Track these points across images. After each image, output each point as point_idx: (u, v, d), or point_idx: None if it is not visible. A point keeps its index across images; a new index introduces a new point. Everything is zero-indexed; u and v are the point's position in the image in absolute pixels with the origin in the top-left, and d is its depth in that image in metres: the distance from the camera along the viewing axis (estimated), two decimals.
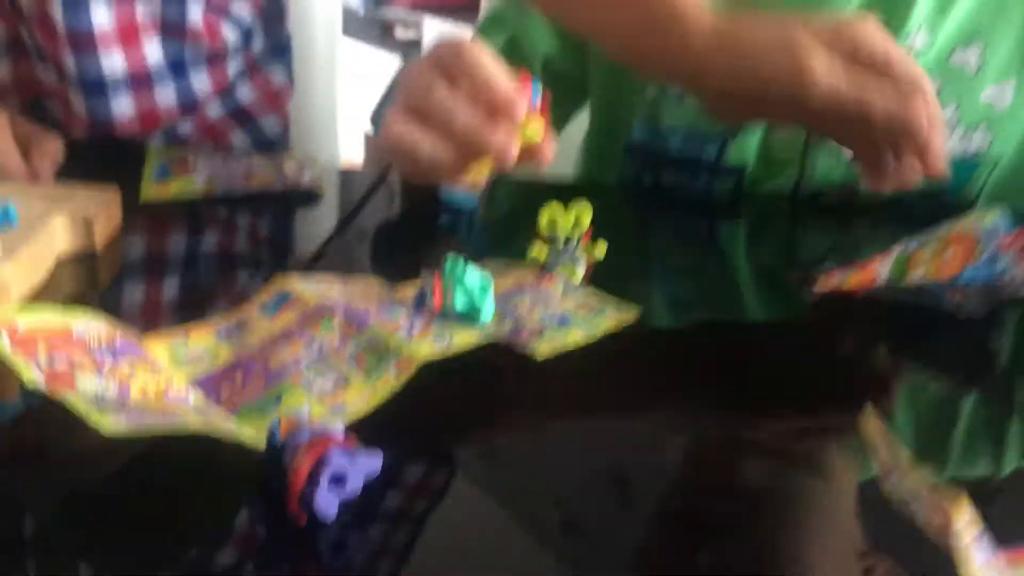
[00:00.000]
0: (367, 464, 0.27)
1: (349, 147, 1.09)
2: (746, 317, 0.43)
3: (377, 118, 0.60)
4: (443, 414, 0.33)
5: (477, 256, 0.40)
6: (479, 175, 0.46)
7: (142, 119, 0.64)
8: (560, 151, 0.44)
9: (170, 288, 0.42)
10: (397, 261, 0.47)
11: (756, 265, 0.50)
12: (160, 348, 0.33)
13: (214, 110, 0.69)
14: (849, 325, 0.42)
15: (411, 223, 0.52)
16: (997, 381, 0.38)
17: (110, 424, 0.26)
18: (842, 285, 0.42)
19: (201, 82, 0.67)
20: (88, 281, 0.42)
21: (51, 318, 0.32)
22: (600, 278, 0.42)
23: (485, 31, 0.66)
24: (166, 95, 0.65)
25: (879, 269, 0.41)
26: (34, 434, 0.30)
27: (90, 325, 0.32)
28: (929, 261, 0.40)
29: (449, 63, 0.42)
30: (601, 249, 0.42)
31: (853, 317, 0.42)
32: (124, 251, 0.45)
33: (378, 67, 2.26)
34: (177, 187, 0.53)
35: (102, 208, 0.45)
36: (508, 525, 0.28)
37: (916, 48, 0.55)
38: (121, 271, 0.43)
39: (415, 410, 0.32)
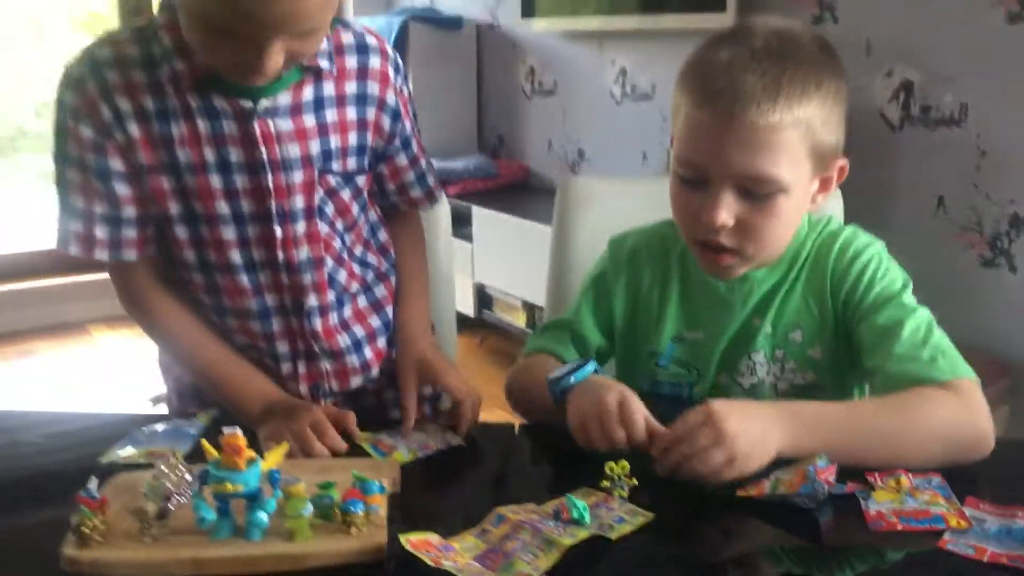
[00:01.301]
0: None
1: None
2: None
3: (555, 389, 1.00)
4: (578, 566, 0.79)
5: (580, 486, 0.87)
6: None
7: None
8: None
9: (444, 515, 0.89)
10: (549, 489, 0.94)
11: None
12: (457, 544, 0.81)
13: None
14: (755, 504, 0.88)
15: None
16: (819, 532, 0.85)
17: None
18: (750, 492, 0.89)
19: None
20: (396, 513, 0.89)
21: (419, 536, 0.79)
22: (635, 498, 0.89)
23: (551, 329, 1.16)
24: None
25: (766, 485, 0.88)
26: None
27: (433, 536, 0.80)
28: (786, 482, 0.87)
29: (619, 402, 0.90)
30: (632, 483, 0.89)
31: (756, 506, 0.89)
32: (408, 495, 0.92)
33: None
34: (401, 456, 1.00)
35: (390, 470, 0.92)
36: None
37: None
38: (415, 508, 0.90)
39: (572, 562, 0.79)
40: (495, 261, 3.21)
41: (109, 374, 3.33)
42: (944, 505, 0.87)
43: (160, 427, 1.04)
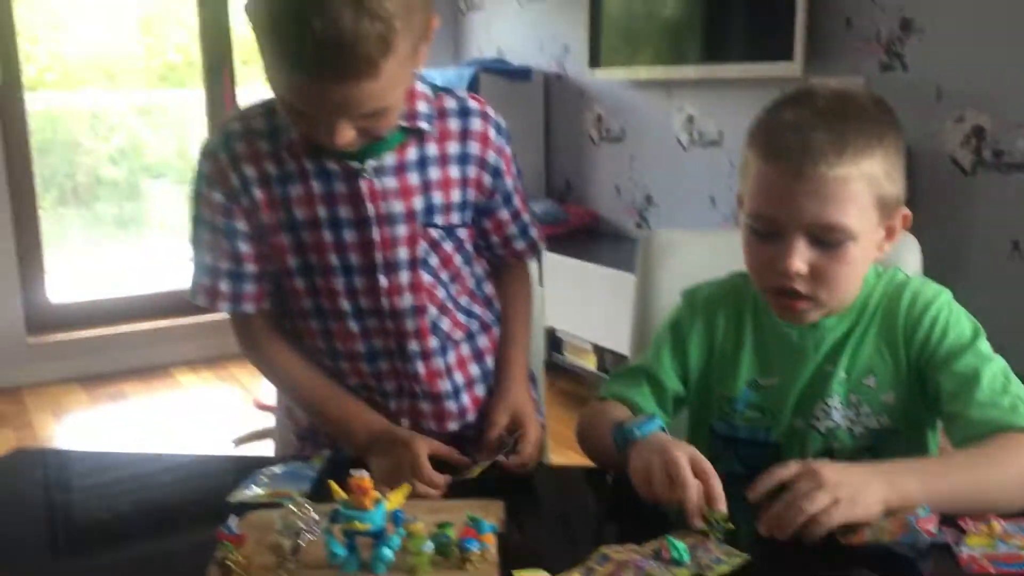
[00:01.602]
0: None
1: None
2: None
3: (618, 438, 1.06)
4: None
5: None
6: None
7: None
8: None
9: (548, 555, 0.95)
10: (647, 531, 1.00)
11: None
12: None
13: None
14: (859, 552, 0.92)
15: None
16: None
17: None
18: (850, 539, 0.92)
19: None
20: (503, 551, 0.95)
21: None
22: (732, 540, 0.94)
23: (627, 376, 1.21)
24: None
25: (867, 533, 0.92)
26: None
27: (543, 574, 0.85)
28: (887, 531, 0.91)
29: (692, 456, 0.96)
30: (730, 527, 0.94)
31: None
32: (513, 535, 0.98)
33: None
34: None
35: (497, 511, 0.98)
36: None
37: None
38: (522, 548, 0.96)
39: None
40: (565, 305, 3.27)
41: (194, 416, 3.46)
42: None
43: (279, 469, 1.11)
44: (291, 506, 0.89)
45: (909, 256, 1.34)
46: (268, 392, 3.53)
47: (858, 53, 2.66)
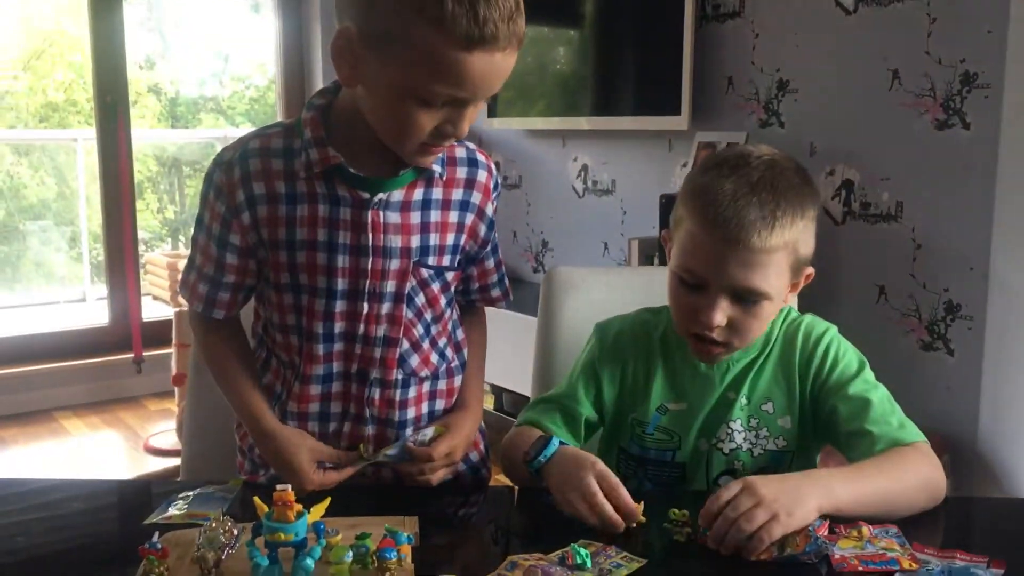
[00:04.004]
0: None
1: None
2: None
3: (530, 469, 1.13)
4: None
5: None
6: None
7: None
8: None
9: (461, 564, 1.00)
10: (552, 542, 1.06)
11: None
12: None
13: None
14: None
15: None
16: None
17: None
18: (761, 556, 1.00)
19: None
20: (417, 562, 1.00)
21: None
22: (629, 547, 1.01)
23: (541, 404, 1.29)
24: None
25: (774, 549, 1.00)
26: None
27: None
28: (792, 543, 0.99)
29: (599, 475, 1.04)
30: (687, 531, 1.03)
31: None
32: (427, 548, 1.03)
33: None
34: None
35: (411, 525, 1.03)
36: None
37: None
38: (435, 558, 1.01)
39: None
40: None
41: (80, 462, 3.35)
42: (899, 551, 1.00)
43: (194, 493, 1.13)
44: (213, 523, 0.92)
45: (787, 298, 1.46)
46: (161, 436, 3.47)
47: (740, 110, 2.86)
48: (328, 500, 0.95)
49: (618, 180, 3.32)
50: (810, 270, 1.23)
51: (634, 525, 1.05)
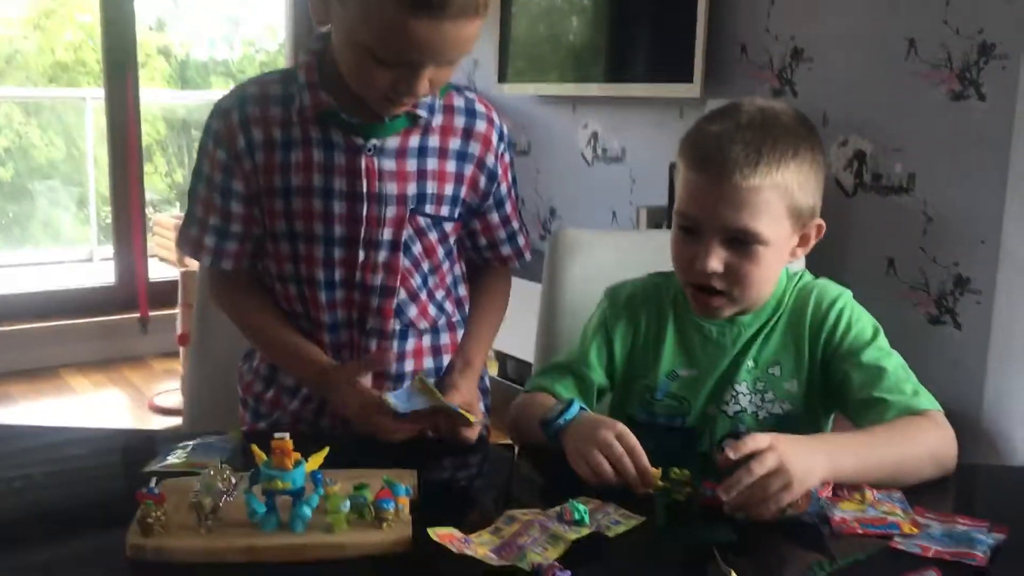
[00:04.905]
0: None
1: None
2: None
3: (548, 431, 1.12)
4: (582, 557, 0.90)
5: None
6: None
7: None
8: None
9: (459, 518, 1.00)
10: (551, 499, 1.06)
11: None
12: (475, 539, 0.91)
13: None
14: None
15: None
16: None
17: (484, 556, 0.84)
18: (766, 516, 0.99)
19: None
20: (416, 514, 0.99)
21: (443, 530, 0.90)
22: (628, 504, 1.00)
23: (553, 370, 1.28)
24: None
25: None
26: None
27: (455, 531, 0.90)
28: (795, 504, 0.99)
29: (620, 434, 1.03)
30: (688, 489, 1.02)
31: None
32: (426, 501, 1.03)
33: None
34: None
35: (410, 477, 1.03)
36: None
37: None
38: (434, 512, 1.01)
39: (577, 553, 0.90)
40: None
41: (85, 419, 3.36)
42: (901, 515, 1.00)
43: (193, 443, 1.13)
44: (211, 471, 0.92)
45: (794, 270, 1.45)
46: (166, 395, 3.48)
47: (753, 79, 2.82)
48: (327, 449, 0.95)
49: (628, 148, 3.29)
50: (820, 221, 1.20)
51: (651, 491, 1.03)
